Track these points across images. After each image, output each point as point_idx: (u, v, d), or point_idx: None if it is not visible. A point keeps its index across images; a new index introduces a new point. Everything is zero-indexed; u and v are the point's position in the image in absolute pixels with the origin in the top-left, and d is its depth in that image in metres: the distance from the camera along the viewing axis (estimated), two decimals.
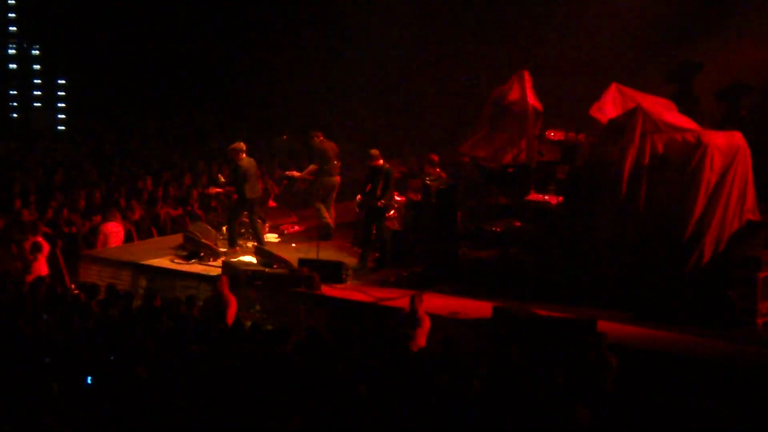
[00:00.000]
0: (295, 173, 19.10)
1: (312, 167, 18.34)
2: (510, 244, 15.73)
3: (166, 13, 29.54)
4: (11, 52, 32.47)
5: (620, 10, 21.58)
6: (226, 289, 13.94)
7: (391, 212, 17.14)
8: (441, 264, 15.54)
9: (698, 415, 10.13)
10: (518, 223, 16.41)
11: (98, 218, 18.18)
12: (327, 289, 14.80)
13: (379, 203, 16.19)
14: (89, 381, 9.93)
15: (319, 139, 18.27)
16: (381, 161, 16.38)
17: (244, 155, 16.85)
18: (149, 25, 29.80)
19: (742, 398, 11.21)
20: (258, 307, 14.85)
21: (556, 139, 17.24)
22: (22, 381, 9.70)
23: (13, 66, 32.62)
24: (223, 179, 18.09)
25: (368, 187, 16.34)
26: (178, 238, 17.54)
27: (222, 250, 16.75)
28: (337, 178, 18.30)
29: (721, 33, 19.85)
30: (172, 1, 29.49)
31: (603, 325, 12.35)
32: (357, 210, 17.79)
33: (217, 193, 19.28)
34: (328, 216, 18.13)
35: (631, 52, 21.25)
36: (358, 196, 16.63)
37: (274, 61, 28.66)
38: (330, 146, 18.30)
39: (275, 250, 16.28)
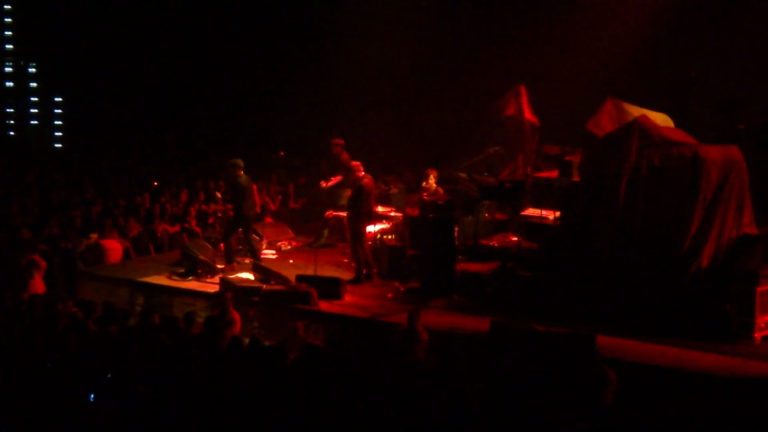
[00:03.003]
0: (323, 183, 18.93)
1: (338, 178, 18.36)
2: (507, 259, 15.73)
3: (162, 30, 29.57)
4: (8, 69, 32.44)
5: (616, 25, 21.63)
6: (230, 307, 13.93)
7: (387, 227, 17.16)
8: (438, 279, 15.54)
9: (697, 429, 10.13)
10: (515, 238, 16.42)
11: (95, 236, 18.15)
12: (325, 305, 14.79)
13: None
14: (91, 398, 9.89)
15: (340, 149, 18.43)
16: (362, 173, 16.45)
17: (242, 172, 16.86)
18: (146, 42, 29.82)
19: (740, 412, 11.19)
20: (255, 324, 14.83)
21: (553, 153, 17.29)
22: (19, 399, 9.67)
23: (9, 84, 32.61)
24: (220, 196, 18.07)
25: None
26: (175, 255, 17.54)
27: (219, 266, 16.74)
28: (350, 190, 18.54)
29: (718, 46, 19.90)
30: (169, 19, 29.51)
31: (601, 339, 12.34)
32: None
33: (215, 211, 19.26)
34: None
35: (628, 66, 21.28)
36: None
37: (271, 77, 28.69)
38: (347, 156, 18.46)
39: (272, 266, 16.28)
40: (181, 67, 29.97)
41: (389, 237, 17.07)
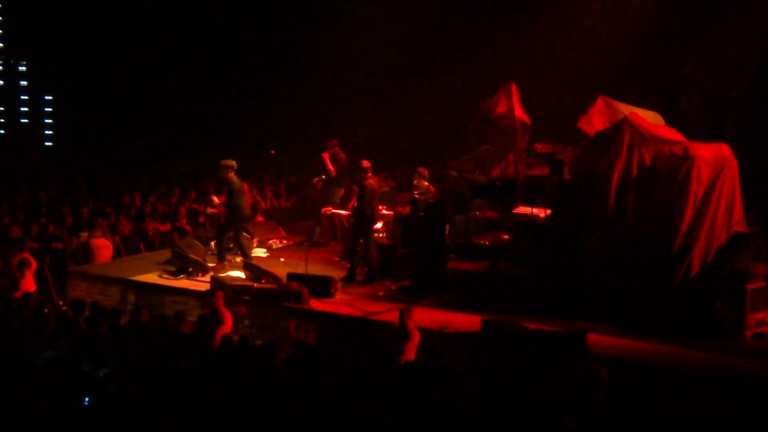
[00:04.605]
0: (317, 180, 18.95)
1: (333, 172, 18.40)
2: (498, 258, 15.75)
3: (153, 29, 29.52)
4: None
5: (607, 24, 21.66)
6: (221, 306, 13.92)
7: (380, 226, 17.15)
8: (430, 278, 15.53)
9: (688, 428, 10.13)
10: (506, 237, 16.44)
11: (86, 234, 18.12)
12: (316, 304, 14.78)
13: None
14: (86, 402, 9.85)
15: (337, 150, 18.42)
16: (370, 173, 16.46)
17: (233, 174, 16.82)
18: (137, 41, 29.77)
19: (732, 410, 11.21)
20: (246, 322, 14.81)
21: (544, 152, 17.30)
22: (10, 398, 9.66)
23: None
24: (215, 198, 17.98)
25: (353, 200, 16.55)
26: (166, 254, 17.50)
27: (210, 265, 16.72)
28: (342, 190, 18.51)
29: (708, 45, 19.93)
30: (160, 17, 29.46)
31: (592, 338, 12.36)
32: (346, 223, 17.87)
33: (214, 214, 19.18)
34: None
35: (618, 65, 21.30)
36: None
37: (262, 76, 28.67)
38: (344, 156, 18.46)
39: (264, 265, 16.26)
40: (172, 66, 29.92)
41: (380, 235, 17.07)
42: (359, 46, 25.81)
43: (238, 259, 17.03)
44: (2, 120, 32.87)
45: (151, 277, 16.44)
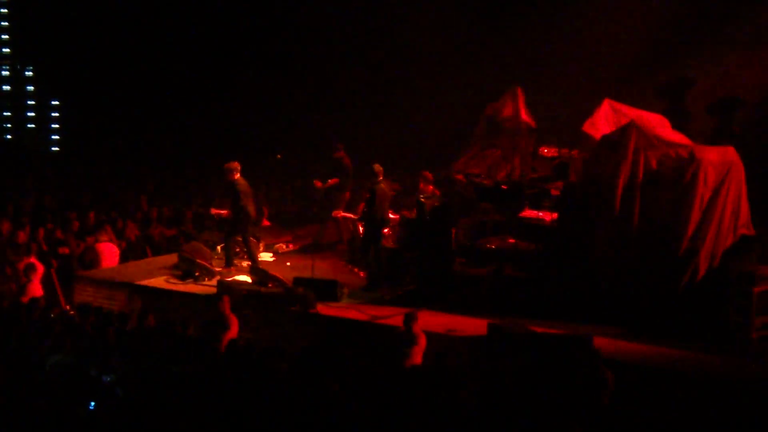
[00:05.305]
0: (318, 183, 19.01)
1: (335, 181, 18.38)
2: (504, 261, 15.72)
3: (158, 33, 29.59)
4: (5, 73, 32.47)
5: (613, 27, 21.65)
6: (227, 310, 13.92)
7: (386, 230, 17.16)
8: (436, 281, 15.53)
9: (692, 431, 10.12)
10: (513, 240, 16.42)
11: (92, 239, 18.15)
12: (322, 308, 14.79)
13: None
14: (92, 406, 9.87)
15: (343, 153, 18.43)
16: (381, 177, 16.50)
17: (239, 175, 16.83)
18: (143, 45, 29.84)
19: (737, 413, 11.20)
20: (253, 327, 14.80)
21: (550, 155, 17.29)
22: (15, 403, 9.67)
23: (6, 87, 32.62)
24: (215, 212, 18.01)
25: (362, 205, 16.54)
26: (172, 258, 17.53)
27: (217, 269, 16.73)
28: (348, 194, 18.53)
29: (713, 48, 19.91)
30: (165, 22, 29.53)
31: (598, 341, 12.33)
32: (351, 227, 17.88)
33: (219, 215, 19.22)
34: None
35: (624, 68, 21.29)
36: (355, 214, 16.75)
37: (267, 80, 28.71)
38: (349, 161, 18.49)
39: (270, 269, 16.27)
40: (178, 70, 29.98)
41: (387, 239, 17.07)
42: (364, 49, 25.84)
43: (245, 264, 17.04)
44: (9, 125, 32.95)
45: (158, 282, 16.45)
